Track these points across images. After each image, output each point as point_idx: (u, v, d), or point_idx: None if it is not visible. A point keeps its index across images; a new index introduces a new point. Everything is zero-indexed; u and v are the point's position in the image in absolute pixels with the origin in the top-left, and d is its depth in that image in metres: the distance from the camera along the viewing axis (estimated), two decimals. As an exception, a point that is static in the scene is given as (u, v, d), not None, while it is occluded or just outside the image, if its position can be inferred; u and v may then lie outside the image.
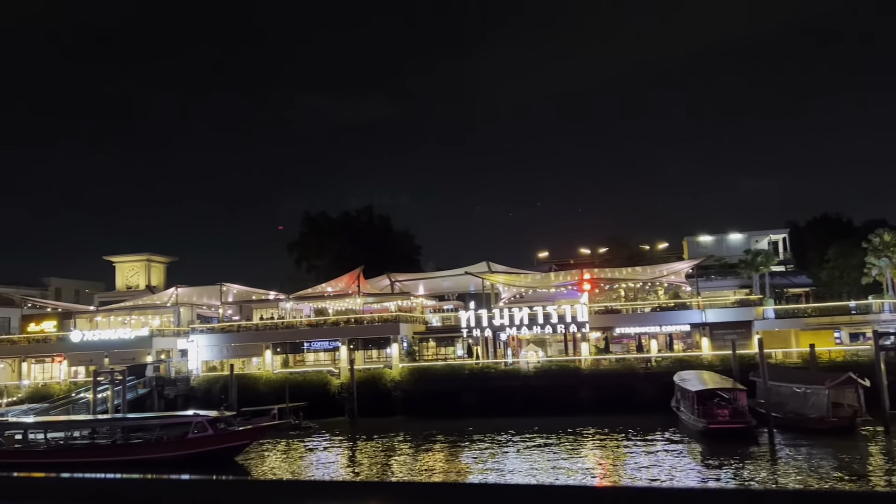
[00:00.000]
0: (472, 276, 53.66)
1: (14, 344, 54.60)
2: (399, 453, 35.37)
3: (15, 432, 33.78)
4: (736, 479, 26.45)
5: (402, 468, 32.02)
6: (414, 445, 36.72)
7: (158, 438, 30.49)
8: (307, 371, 49.55)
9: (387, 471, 31.32)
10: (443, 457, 33.73)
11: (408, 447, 36.57)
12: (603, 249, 75.26)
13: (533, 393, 44.22)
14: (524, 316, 47.94)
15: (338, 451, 36.39)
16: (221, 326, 51.96)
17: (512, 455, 32.85)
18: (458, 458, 32.95)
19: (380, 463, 33.39)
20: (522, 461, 31.60)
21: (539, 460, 31.69)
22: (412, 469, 31.71)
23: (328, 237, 69.28)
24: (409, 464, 32.75)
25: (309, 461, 33.70)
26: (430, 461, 33.03)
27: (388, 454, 35.14)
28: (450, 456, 33.72)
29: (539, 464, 30.89)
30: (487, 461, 31.82)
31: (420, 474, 30.62)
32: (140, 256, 72.59)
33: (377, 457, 34.53)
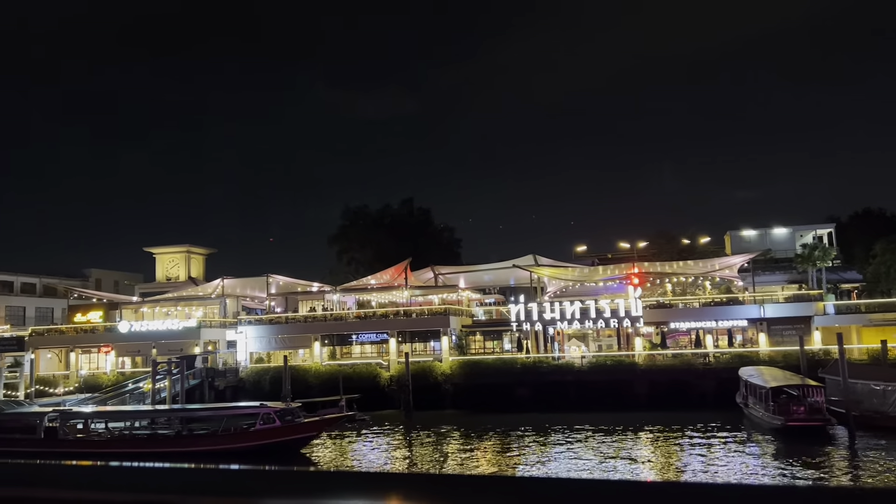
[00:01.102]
0: (520, 268, 52.99)
1: (62, 334, 54.83)
2: (458, 447, 34.89)
3: (77, 422, 33.72)
4: (819, 477, 25.62)
5: (464, 462, 31.55)
6: (472, 439, 36.22)
7: (225, 429, 30.22)
8: (355, 363, 49.21)
9: (449, 464, 30.89)
10: (502, 451, 33.22)
11: (466, 441, 36.06)
12: (643, 244, 74.23)
13: (587, 388, 43.54)
14: (576, 310, 47.20)
15: (399, 443, 35.98)
16: (269, 318, 51.80)
17: (569, 450, 32.29)
18: (520, 453, 32.42)
19: (442, 456, 32.97)
20: (580, 457, 31.06)
21: (598, 457, 31.08)
22: (474, 463, 31.25)
23: (368, 230, 68.95)
24: (470, 457, 32.30)
25: (373, 453, 33.34)
26: (491, 455, 32.60)
27: (447, 447, 34.69)
28: (510, 450, 33.19)
29: (598, 460, 30.29)
30: (547, 456, 31.32)
31: (484, 468, 30.15)
32: (180, 248, 72.71)
33: (438, 450, 34.10)
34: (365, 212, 72.09)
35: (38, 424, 32.80)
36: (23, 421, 34.10)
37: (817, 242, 59.25)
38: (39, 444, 31.70)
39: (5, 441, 32.20)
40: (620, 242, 79.16)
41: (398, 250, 66.18)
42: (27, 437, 32.59)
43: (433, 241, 68.55)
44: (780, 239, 74.59)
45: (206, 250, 75.44)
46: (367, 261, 66.81)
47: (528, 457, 31.49)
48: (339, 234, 71.39)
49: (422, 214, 71.87)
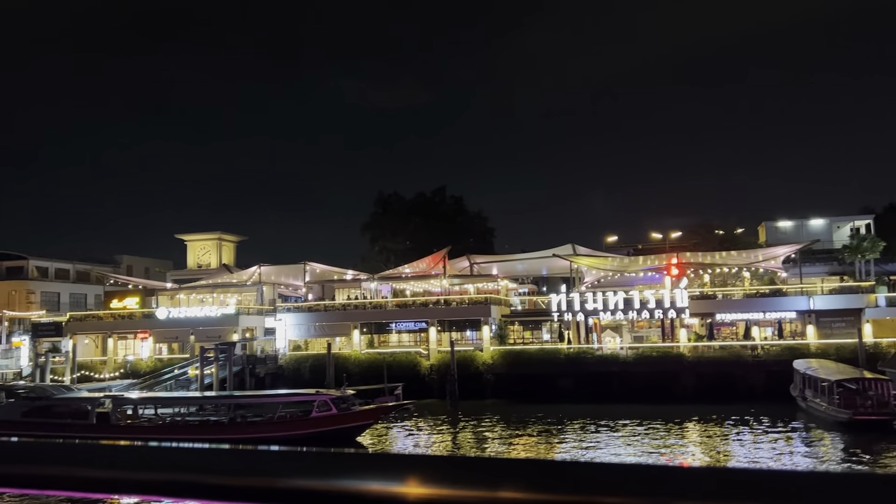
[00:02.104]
0: (560, 258, 52.39)
1: (100, 320, 54.90)
2: (507, 436, 34.57)
3: (128, 407, 33.62)
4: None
5: (518, 451, 31.22)
6: (520, 429, 35.87)
7: (281, 417, 29.95)
8: (394, 351, 48.90)
9: (501, 453, 30.56)
10: (553, 441, 32.88)
11: (514, 431, 35.71)
12: (676, 234, 73.33)
13: (631, 380, 43.04)
14: (619, 300, 46.57)
15: (448, 432, 35.69)
16: (308, 305, 51.56)
17: (616, 442, 31.94)
18: (567, 443, 32.07)
19: (492, 445, 32.73)
20: (627, 448, 30.72)
21: (646, 447, 30.70)
22: (528, 453, 30.88)
23: (401, 218, 68.50)
24: (521, 446, 32.04)
25: (424, 441, 33.06)
26: (544, 445, 32.30)
27: (497, 436, 34.40)
28: (561, 440, 32.83)
29: (645, 451, 29.88)
30: (593, 447, 30.96)
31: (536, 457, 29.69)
32: (211, 235, 72.69)
33: (488, 439, 33.82)
34: (397, 199, 71.59)
35: (90, 410, 32.71)
36: (73, 406, 34.04)
37: (865, 233, 58.10)
38: (92, 430, 31.57)
39: (57, 426, 32.13)
40: (652, 233, 78.60)
41: (431, 239, 65.71)
42: (79, 421, 32.51)
43: (466, 230, 67.97)
44: (817, 230, 73.39)
45: (237, 237, 75.41)
46: (400, 249, 66.42)
47: (574, 447, 31.15)
48: (372, 222, 71.02)
49: (455, 203, 71.31)
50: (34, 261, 66.81)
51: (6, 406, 35.15)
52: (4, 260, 66.70)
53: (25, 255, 66.51)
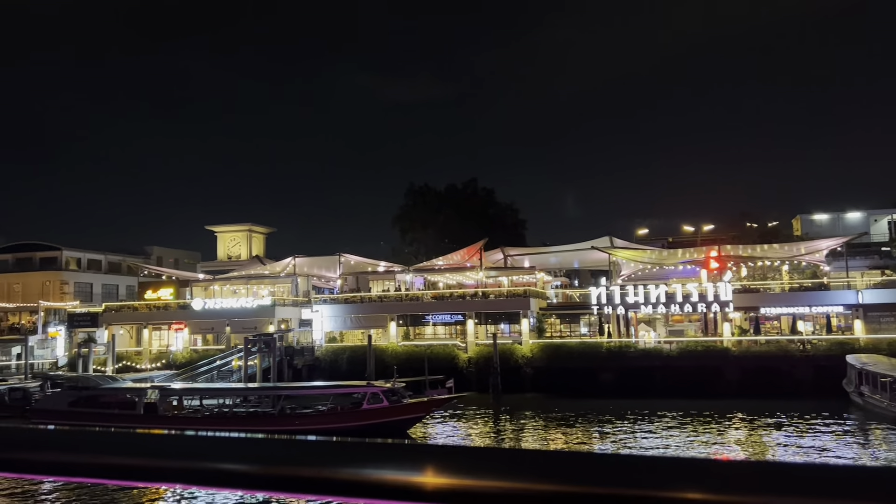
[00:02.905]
0: (599, 250, 51.67)
1: (135, 311, 54.94)
2: (552, 430, 34.12)
3: (173, 398, 33.47)
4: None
5: (565, 446, 30.73)
6: (562, 423, 35.44)
7: (331, 409, 29.64)
8: (432, 344, 48.50)
9: (554, 447, 30.05)
10: (593, 435, 32.47)
11: (558, 425, 35.24)
12: (708, 227, 72.36)
13: (675, 374, 42.36)
14: (661, 293, 45.84)
15: (494, 426, 35.27)
16: (345, 297, 51.29)
17: (663, 437, 31.44)
18: (612, 437, 31.60)
19: (541, 439, 32.33)
20: (675, 443, 30.23)
21: (693, 443, 30.18)
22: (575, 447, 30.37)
23: (431, 210, 68.02)
24: (567, 440, 31.65)
25: (472, 435, 32.65)
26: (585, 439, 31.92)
27: (541, 431, 33.98)
28: (602, 435, 32.37)
29: (694, 446, 29.37)
30: (645, 442, 30.47)
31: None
32: (242, 227, 72.63)
33: (534, 433, 33.42)
34: (428, 192, 71.09)
35: (137, 400, 32.59)
36: (120, 396, 33.97)
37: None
38: (140, 420, 31.46)
39: (104, 416, 32.07)
40: (684, 226, 77.63)
41: (462, 231, 65.19)
42: (126, 412, 32.42)
43: (498, 223, 67.34)
44: (854, 223, 72.27)
45: (267, 229, 75.32)
46: (431, 241, 65.96)
47: (618, 441, 30.71)
48: (402, 215, 70.61)
49: (486, 195, 70.68)
50: (67, 252, 67.08)
51: (53, 396, 35.19)
52: (38, 251, 67.02)
53: (59, 246, 66.79)
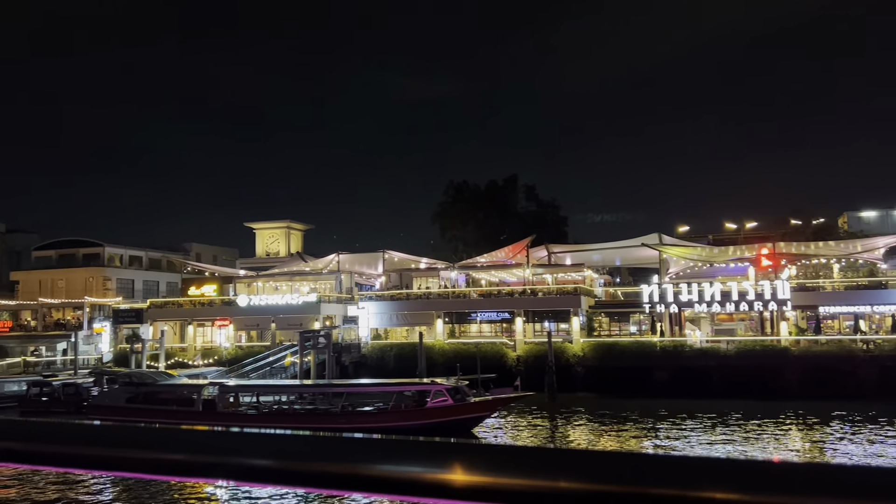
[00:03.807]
0: (649, 247, 50.76)
1: (180, 307, 55.02)
2: (610, 430, 33.45)
3: (230, 395, 33.22)
4: None
5: (622, 445, 30.03)
6: (618, 423, 34.74)
7: (395, 407, 29.17)
8: (479, 342, 47.91)
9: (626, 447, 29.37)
10: (651, 435, 31.79)
11: (613, 425, 34.54)
12: (751, 224, 70.98)
13: (731, 374, 41.39)
14: (715, 291, 44.82)
15: (555, 425, 34.65)
16: (391, 294, 50.88)
17: (715, 437, 30.67)
18: (674, 438, 30.86)
19: (604, 439, 31.72)
20: (728, 443, 29.51)
21: (751, 444, 29.40)
22: (637, 447, 29.64)
23: (471, 207, 67.41)
24: (627, 440, 31.00)
25: (534, 435, 32.07)
26: (645, 438, 31.26)
27: (599, 430, 33.35)
28: (662, 436, 31.64)
29: (754, 448, 28.56)
30: (701, 443, 29.75)
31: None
32: (280, 223, 72.62)
33: (594, 433, 32.82)
34: (467, 188, 70.49)
35: (196, 397, 32.40)
36: (178, 393, 33.83)
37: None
38: (199, 417, 31.24)
39: (163, 413, 31.92)
40: (727, 223, 76.23)
41: (502, 228, 64.58)
42: (185, 409, 32.26)
43: (539, 219, 66.52)
44: (904, 221, 70.55)
45: (305, 226, 75.27)
46: (471, 238, 65.37)
47: (678, 443, 29.99)
48: (442, 212, 70.08)
49: (526, 191, 69.94)
50: (109, 248, 67.49)
51: (110, 392, 35.14)
52: (81, 247, 67.51)
53: (101, 243, 67.22)
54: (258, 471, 1.01)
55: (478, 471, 0.89)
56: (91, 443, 1.12)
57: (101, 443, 1.13)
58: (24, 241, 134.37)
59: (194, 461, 1.04)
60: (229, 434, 1.09)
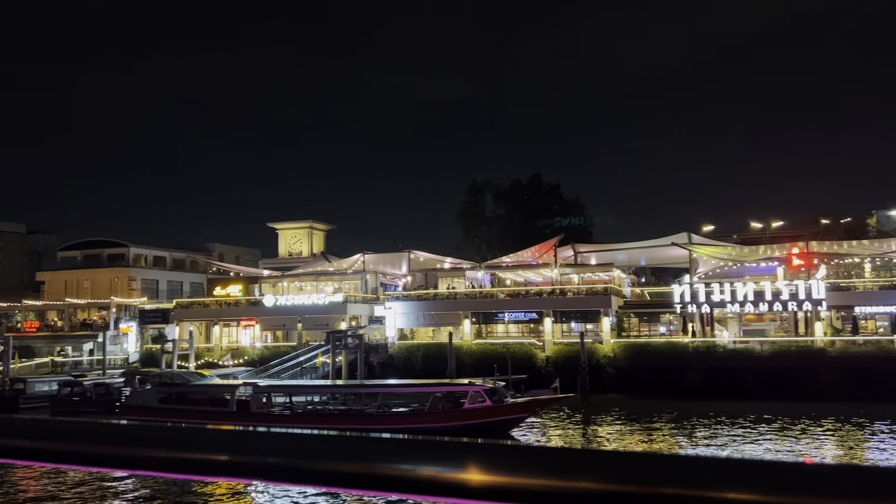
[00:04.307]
0: (679, 246, 50.12)
1: (206, 307, 55.02)
2: (646, 432, 32.98)
3: (263, 395, 33.03)
4: None
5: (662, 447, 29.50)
6: (651, 425, 34.24)
7: (432, 408, 28.83)
8: (507, 342, 47.52)
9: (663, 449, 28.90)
10: (690, 437, 31.26)
11: (647, 427, 34.04)
12: (777, 223, 70.07)
13: (766, 375, 40.77)
14: (748, 291, 44.17)
15: (589, 427, 34.20)
16: (417, 294, 50.59)
17: (756, 439, 30.14)
18: (711, 440, 30.33)
19: (640, 441, 31.25)
20: (770, 444, 28.99)
21: (785, 446, 28.84)
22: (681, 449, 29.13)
23: (495, 206, 67.00)
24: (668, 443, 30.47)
25: (571, 437, 31.65)
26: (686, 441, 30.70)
27: (634, 432, 32.89)
28: (698, 438, 31.11)
29: (786, 450, 28.00)
30: (735, 445, 29.24)
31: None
32: (303, 223, 72.58)
33: (633, 435, 32.34)
34: (490, 188, 70.09)
35: (230, 397, 32.25)
36: (211, 393, 33.71)
37: None
38: (233, 417, 31.07)
39: (197, 413, 31.78)
40: (752, 222, 75.29)
41: (527, 227, 64.12)
42: (218, 409, 32.10)
43: (564, 218, 65.95)
44: (935, 219, 69.17)
45: (327, 226, 75.19)
46: (495, 238, 64.96)
47: (714, 444, 29.49)
48: (465, 211, 69.72)
49: (550, 190, 69.33)
50: (134, 248, 67.69)
51: (143, 392, 35.09)
52: (106, 247, 67.77)
53: (126, 243, 67.44)
54: (272, 469, 1.00)
55: (494, 471, 0.89)
56: (119, 442, 1.12)
57: (129, 442, 1.12)
58: (45, 241, 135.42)
59: (207, 459, 1.03)
60: (245, 433, 1.08)
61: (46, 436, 1.17)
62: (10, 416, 1.26)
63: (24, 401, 41.63)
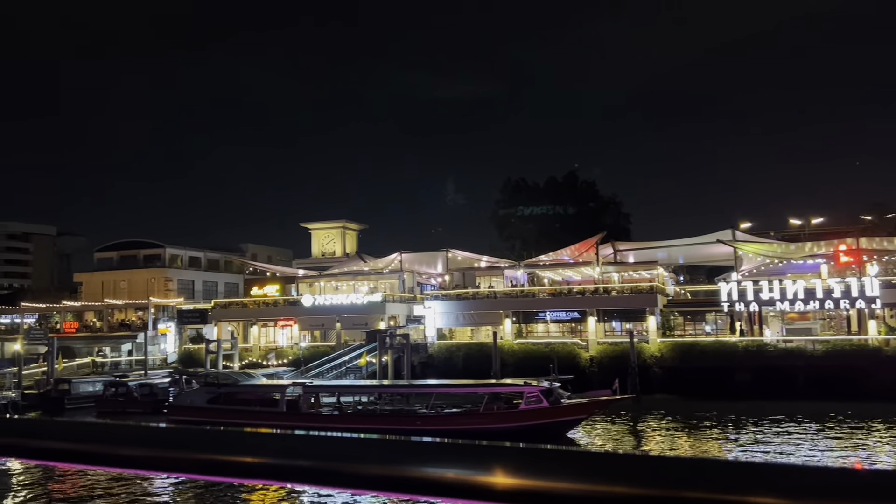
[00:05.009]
0: (724, 243, 49.15)
1: (244, 307, 55.01)
2: (700, 434, 32.22)
3: (312, 395, 32.76)
4: None
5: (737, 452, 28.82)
6: (704, 426, 33.48)
7: (487, 409, 28.33)
8: (550, 342, 46.86)
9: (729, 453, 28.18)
10: (748, 439, 30.41)
11: (701, 428, 33.27)
12: (817, 220, 68.66)
13: (818, 374, 39.71)
14: (798, 289, 43.12)
15: (642, 429, 33.48)
16: (457, 293, 50.10)
17: (801, 441, 29.26)
18: (767, 444, 29.48)
19: (701, 443, 30.49)
20: (823, 446, 28.12)
21: (848, 447, 27.94)
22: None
23: (530, 204, 66.27)
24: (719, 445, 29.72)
25: (627, 439, 30.99)
26: (745, 443, 29.89)
27: (690, 434, 32.15)
28: (756, 440, 30.26)
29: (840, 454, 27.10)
30: (789, 446, 28.38)
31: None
32: (336, 223, 72.47)
33: (687, 437, 31.61)
34: (525, 186, 69.34)
35: (279, 397, 32.02)
36: (261, 393, 33.51)
37: None
38: (284, 417, 30.84)
39: (246, 413, 31.63)
40: (791, 219, 73.86)
41: (563, 225, 63.40)
42: (269, 409, 31.90)
43: (600, 216, 65.12)
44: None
45: (360, 226, 75.04)
46: (531, 237, 64.28)
47: (768, 448, 28.63)
48: (500, 210, 69.01)
49: (586, 188, 68.44)
50: (170, 249, 67.99)
51: (191, 392, 35.00)
52: (142, 248, 68.14)
53: (162, 244, 67.76)
54: (300, 471, 1.02)
55: (521, 474, 0.89)
56: (160, 445, 1.13)
57: (171, 445, 1.12)
58: (74, 243, 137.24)
59: (224, 460, 1.05)
60: (271, 436, 1.08)
61: (89, 438, 1.16)
62: (53, 419, 1.23)
63: (70, 401, 41.83)
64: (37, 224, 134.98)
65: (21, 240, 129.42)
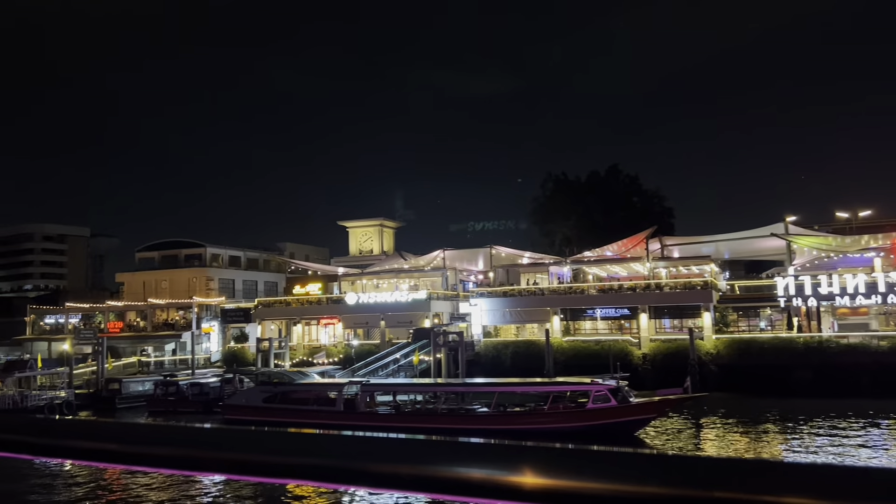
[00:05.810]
0: (778, 237, 47.88)
1: (288, 306, 54.86)
2: (766, 434, 31.12)
3: (367, 394, 32.28)
4: None
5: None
6: (767, 425, 32.35)
7: (552, 408, 27.63)
8: (600, 339, 45.99)
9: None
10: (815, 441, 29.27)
11: (766, 427, 32.16)
12: (864, 213, 66.77)
13: (885, 371, 38.42)
14: (859, 283, 41.76)
15: (704, 429, 32.51)
16: (504, 290, 49.41)
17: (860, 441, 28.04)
18: (839, 447, 28.33)
19: (767, 443, 29.48)
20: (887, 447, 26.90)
21: None
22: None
23: (571, 200, 65.28)
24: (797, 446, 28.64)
25: (701, 439, 30.09)
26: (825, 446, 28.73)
27: (757, 435, 31.05)
28: (838, 441, 29.09)
29: None
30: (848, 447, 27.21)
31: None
32: (373, 221, 72.15)
33: (753, 437, 30.58)
34: (566, 180, 68.31)
35: (336, 396, 31.61)
36: (316, 392, 33.17)
37: None
38: (341, 417, 30.40)
39: (303, 412, 31.30)
40: (837, 212, 71.97)
41: (605, 221, 62.35)
42: (325, 408, 31.53)
43: (644, 210, 63.96)
44: None
45: (397, 223, 74.68)
46: (573, 232, 63.29)
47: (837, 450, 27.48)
48: (540, 206, 68.14)
49: (629, 182, 67.25)
50: (210, 248, 68.18)
51: (246, 392, 34.81)
52: (183, 248, 68.42)
53: (203, 243, 67.97)
54: (326, 471, 1.03)
55: (549, 474, 0.88)
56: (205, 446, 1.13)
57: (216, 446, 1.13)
58: (107, 244, 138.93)
59: (250, 460, 1.06)
60: (297, 436, 1.09)
61: (137, 440, 1.16)
62: (105, 420, 1.25)
63: (121, 401, 41.92)
64: (71, 226, 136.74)
65: (56, 241, 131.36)
